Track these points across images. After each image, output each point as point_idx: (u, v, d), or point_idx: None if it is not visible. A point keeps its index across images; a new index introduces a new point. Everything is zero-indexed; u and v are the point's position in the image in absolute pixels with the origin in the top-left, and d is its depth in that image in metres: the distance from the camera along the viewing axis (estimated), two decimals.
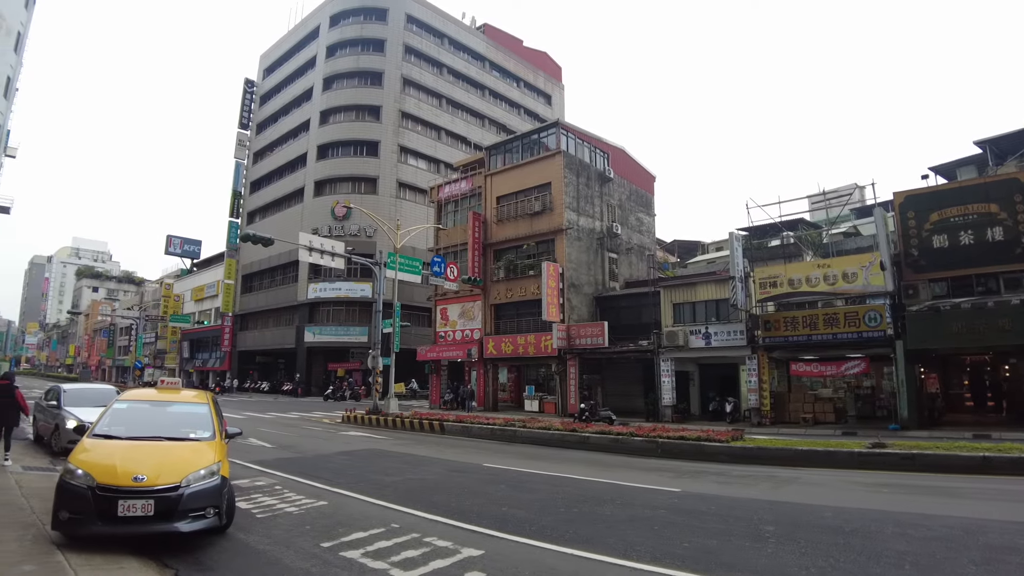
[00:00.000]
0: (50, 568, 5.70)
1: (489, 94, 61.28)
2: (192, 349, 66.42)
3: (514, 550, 6.69)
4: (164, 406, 8.43)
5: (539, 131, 34.21)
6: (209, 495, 6.64)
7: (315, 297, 48.99)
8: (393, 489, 10.07)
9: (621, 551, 6.52)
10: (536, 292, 29.43)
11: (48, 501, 8.66)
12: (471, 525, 7.64)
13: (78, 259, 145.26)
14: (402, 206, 49.43)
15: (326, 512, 8.44)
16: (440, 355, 34.32)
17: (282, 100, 61.26)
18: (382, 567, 6.04)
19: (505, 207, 33.15)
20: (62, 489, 6.38)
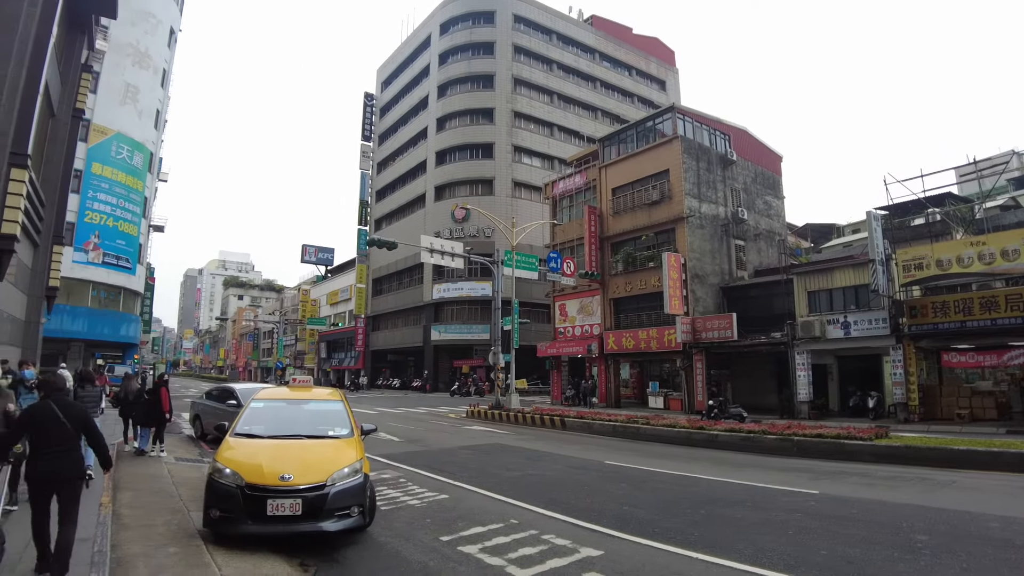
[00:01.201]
0: (191, 551, 6.12)
1: (601, 86, 60.54)
2: (329, 350, 70.74)
3: (635, 551, 6.43)
4: (300, 404, 8.47)
5: (653, 117, 33.22)
6: (353, 494, 6.59)
7: (439, 297, 50.65)
8: (513, 484, 10.07)
9: (751, 557, 6.10)
10: (657, 284, 28.62)
11: (195, 490, 9.45)
12: (590, 524, 7.46)
13: (225, 271, 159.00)
14: (518, 205, 49.91)
15: (447, 506, 8.56)
16: (560, 351, 34.28)
17: (400, 111, 63.81)
18: (499, 563, 6.01)
19: (621, 198, 32.51)
20: (212, 487, 6.49)
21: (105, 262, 35.94)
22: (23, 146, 12.77)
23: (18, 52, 12.52)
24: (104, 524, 6.70)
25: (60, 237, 21.33)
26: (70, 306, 33.01)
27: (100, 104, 34.94)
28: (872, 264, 21.53)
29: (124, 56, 37.44)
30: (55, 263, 20.60)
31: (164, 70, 41.58)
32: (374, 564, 6.13)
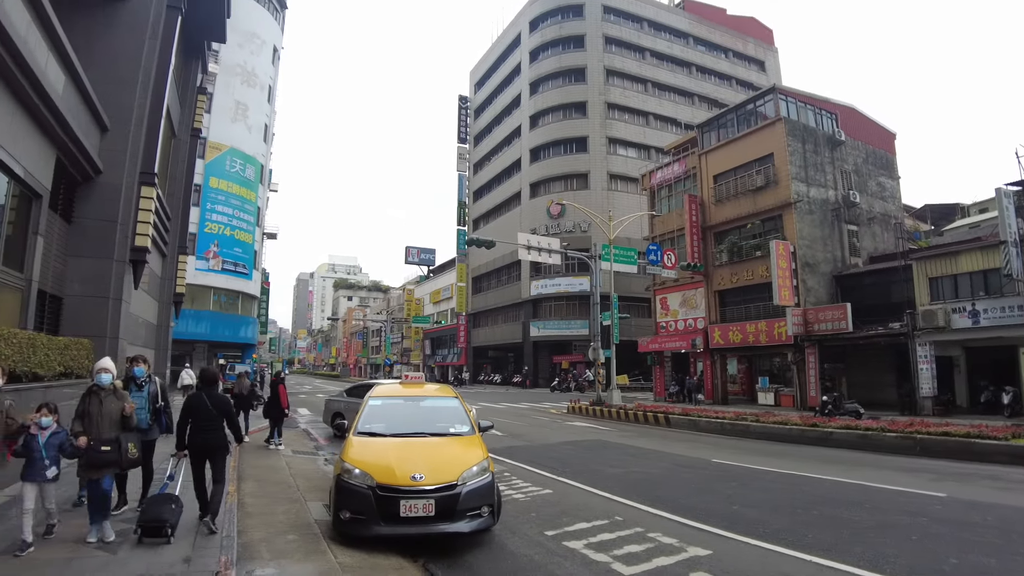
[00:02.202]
0: (308, 539, 6.46)
1: (696, 70, 58.68)
2: (433, 346, 72.82)
3: (744, 552, 6.23)
4: (417, 401, 8.42)
5: (753, 100, 31.80)
6: (483, 494, 6.41)
7: (537, 294, 50.90)
8: (617, 481, 9.97)
9: (871, 562, 5.75)
10: (764, 275, 27.44)
11: (310, 480, 10.09)
12: (698, 523, 7.28)
13: (334, 273, 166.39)
14: (614, 197, 49.28)
15: (550, 501, 8.58)
16: (662, 346, 33.55)
17: (494, 111, 64.57)
18: (604, 560, 5.97)
19: (723, 186, 31.37)
20: (342, 488, 6.38)
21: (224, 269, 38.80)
22: (151, 166, 13.99)
23: (143, 81, 13.70)
24: (231, 511, 7.17)
25: (184, 247, 23.32)
26: (194, 310, 35.83)
27: (214, 122, 37.62)
28: (1004, 246, 19.69)
29: (233, 76, 40.18)
30: (180, 271, 22.54)
31: (269, 87, 44.26)
32: (480, 555, 6.23)
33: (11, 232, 9.80)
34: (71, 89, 10.85)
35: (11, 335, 8.25)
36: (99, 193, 12.96)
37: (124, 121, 13.23)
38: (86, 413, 6.09)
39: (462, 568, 5.91)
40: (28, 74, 8.70)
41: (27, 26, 8.62)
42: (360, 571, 5.67)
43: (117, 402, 6.20)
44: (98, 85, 12.10)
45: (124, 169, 13.20)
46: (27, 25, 8.62)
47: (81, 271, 12.64)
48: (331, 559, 5.80)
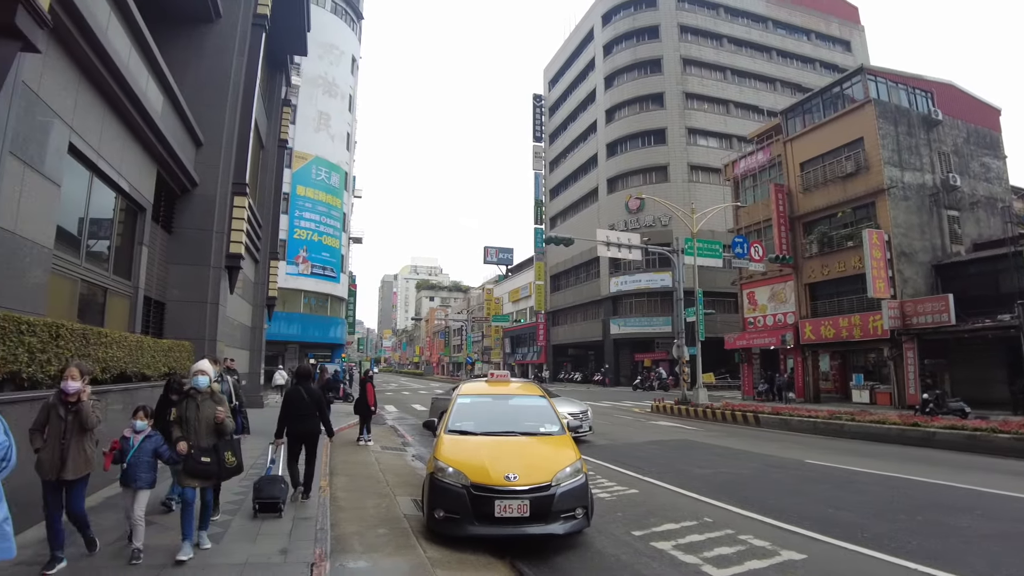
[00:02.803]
0: (398, 533, 6.65)
1: (777, 55, 56.26)
2: (513, 344, 73.29)
3: (842, 558, 5.93)
4: (505, 400, 8.40)
5: (840, 82, 30.16)
6: (577, 495, 6.31)
7: (617, 291, 50.27)
8: (705, 482, 9.73)
9: (985, 574, 5.35)
10: (857, 266, 26.04)
11: (399, 476, 10.37)
12: (791, 526, 7.00)
13: (416, 275, 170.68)
14: (695, 189, 47.99)
15: (636, 501, 8.48)
16: (750, 342, 32.40)
17: (568, 107, 64.21)
18: (694, 561, 5.85)
19: (810, 173, 29.96)
20: (436, 487, 6.38)
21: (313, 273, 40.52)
22: (242, 176, 14.76)
23: (232, 96, 14.46)
24: (324, 505, 7.47)
25: (275, 253, 24.49)
26: (286, 313, 37.56)
27: (298, 132, 39.26)
28: None
29: (315, 87, 41.82)
30: (272, 276, 23.69)
31: (350, 96, 45.80)
32: (566, 554, 6.21)
33: (119, 243, 10.54)
34: (168, 108, 11.56)
35: (122, 338, 8.87)
36: (196, 204, 13.79)
37: (216, 135, 14.03)
38: (183, 419, 5.86)
39: (549, 566, 5.91)
40: (131, 97, 9.34)
41: (128, 52, 9.24)
42: (449, 566, 5.76)
43: (214, 406, 5.91)
44: (192, 103, 12.87)
45: (218, 181, 14.00)
46: (128, 51, 9.24)
47: (181, 278, 13.50)
48: (421, 554, 5.93)
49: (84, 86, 8.20)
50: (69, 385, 5.06)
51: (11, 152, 5.83)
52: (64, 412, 5.10)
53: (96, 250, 9.74)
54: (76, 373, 5.12)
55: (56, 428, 5.08)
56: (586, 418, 15.07)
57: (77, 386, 5.09)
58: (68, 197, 8.03)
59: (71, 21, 7.12)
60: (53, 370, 6.60)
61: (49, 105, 7.14)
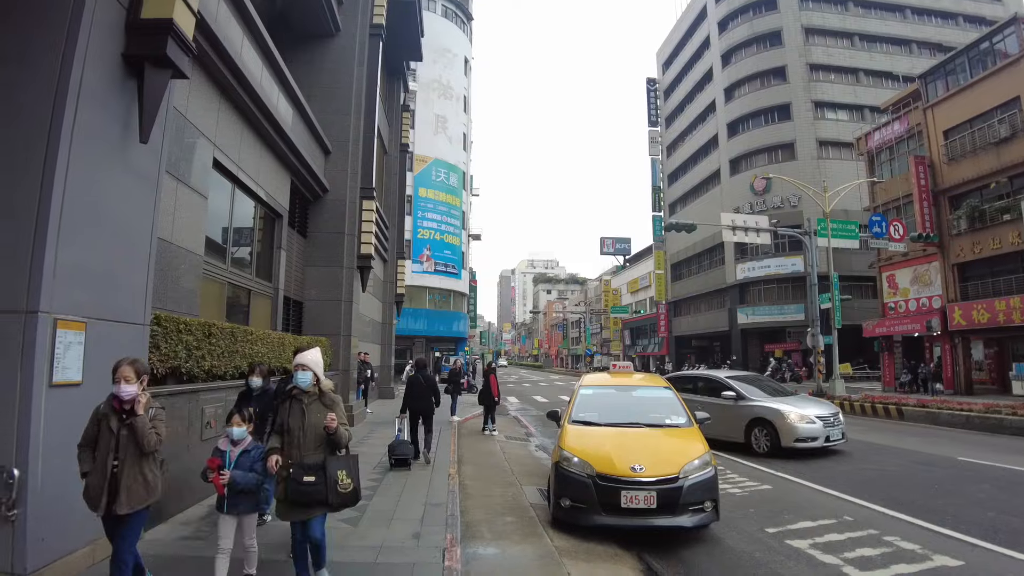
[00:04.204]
0: (525, 522, 6.79)
1: (911, 13, 51.01)
2: (632, 336, 72.14)
3: (1007, 567, 5.36)
4: (628, 391, 8.38)
5: (989, 36, 26.94)
6: (706, 488, 6.28)
7: (744, 277, 48.07)
8: (846, 479, 9.14)
9: None
10: (1016, 242, 23.34)
11: (523, 465, 10.59)
12: (945, 529, 6.43)
13: (533, 269, 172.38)
14: (826, 166, 44.84)
15: (769, 497, 8.16)
16: (890, 330, 29.89)
17: (684, 89, 62.07)
18: (834, 562, 5.53)
19: (956, 142, 27.10)
20: (562, 476, 6.47)
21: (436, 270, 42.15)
22: (369, 181, 15.56)
23: (355, 105, 15.25)
24: (453, 493, 7.75)
25: (402, 252, 25.68)
26: (412, 309, 39.30)
27: (417, 136, 40.81)
28: None
29: (431, 91, 43.24)
30: (400, 274, 24.86)
31: (464, 97, 46.96)
32: (695, 548, 6.12)
33: (260, 248, 11.41)
34: (298, 120, 12.35)
35: (266, 335, 9.61)
36: (327, 209, 14.68)
37: (343, 143, 14.85)
38: (285, 427, 4.53)
39: (677, 560, 5.82)
40: (265, 112, 10.07)
41: (261, 71, 9.95)
42: (576, 555, 5.80)
43: (324, 411, 4.50)
44: (318, 114, 13.71)
45: (346, 186, 14.84)
46: (261, 70, 9.96)
47: (317, 278, 14.43)
48: (548, 543, 6.01)
49: (224, 105, 8.94)
50: (123, 389, 3.87)
51: (167, 171, 6.44)
52: (116, 425, 3.91)
53: (240, 255, 10.61)
54: (129, 373, 3.92)
55: (106, 445, 3.89)
56: (838, 422, 11.49)
57: (133, 391, 3.91)
58: (213, 208, 8.80)
59: (210, 46, 7.77)
60: (208, 365, 7.27)
61: (195, 125, 7.84)
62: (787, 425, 10.87)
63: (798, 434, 10.77)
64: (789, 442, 10.76)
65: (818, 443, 10.81)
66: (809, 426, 10.84)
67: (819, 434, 10.87)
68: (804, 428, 10.81)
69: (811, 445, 10.76)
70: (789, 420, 10.91)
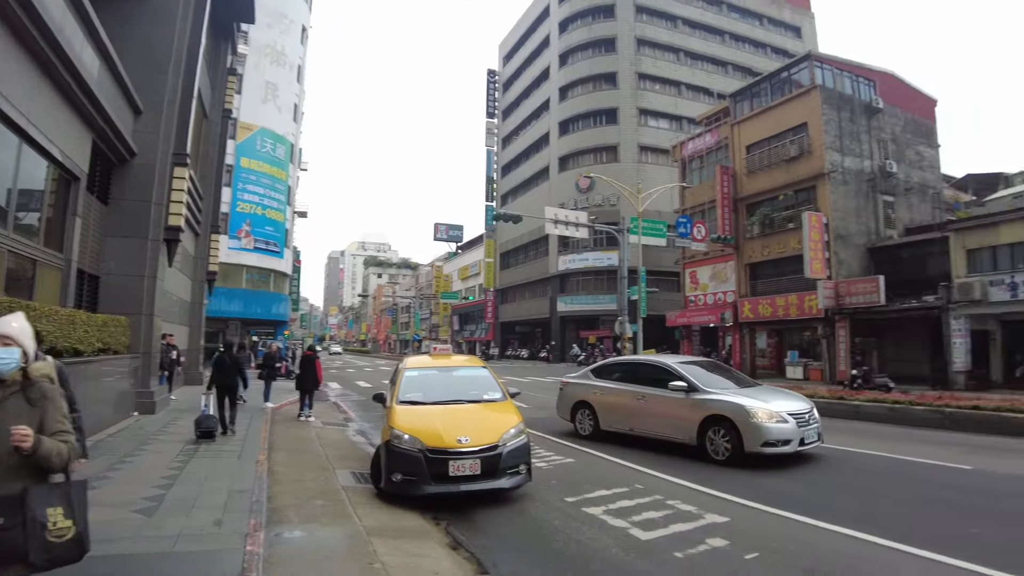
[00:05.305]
0: (336, 504, 6.81)
1: (730, 38, 57.08)
2: (461, 322, 73.49)
3: (763, 520, 6.37)
4: (450, 371, 9.02)
5: (788, 67, 31.01)
6: (521, 453, 7.15)
7: (565, 269, 50.82)
8: (639, 451, 10.08)
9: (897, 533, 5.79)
10: (796, 247, 27.02)
11: (339, 450, 10.61)
12: (717, 491, 7.42)
13: (364, 251, 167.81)
14: (645, 170, 48.58)
15: (573, 469, 8.84)
16: (690, 320, 33.38)
17: (522, 84, 63.94)
18: (622, 525, 6.16)
19: (756, 156, 30.81)
20: (393, 453, 6.97)
21: (256, 247, 39.57)
22: (183, 147, 14.31)
23: (174, 64, 13.98)
24: (261, 479, 7.56)
25: (216, 226, 23.85)
26: (227, 288, 36.59)
27: (244, 103, 37.97)
28: None
29: (263, 56, 40.50)
30: (213, 250, 23.10)
31: (299, 66, 44.56)
32: (500, 519, 6.56)
33: (51, 214, 10.17)
34: (105, 73, 11.11)
35: (52, 312, 8.62)
36: (134, 174, 13.32)
37: (157, 103, 13.53)
38: None
39: (483, 532, 6.18)
40: (65, 60, 8.94)
41: (63, 13, 8.84)
42: (385, 534, 5.91)
43: (27, 410, 2.80)
44: (131, 69, 12.36)
45: (157, 150, 13.53)
46: (63, 12, 8.84)
47: (117, 250, 13.07)
48: (357, 523, 6.08)
49: (17, 49, 7.85)
50: None
51: None
52: None
53: (27, 222, 9.40)
54: None
55: None
56: (813, 419, 9.32)
57: None
58: None
59: None
60: None
61: None
62: (753, 425, 8.67)
63: (767, 436, 8.60)
64: (755, 446, 8.62)
65: (791, 447, 8.70)
66: (780, 426, 8.70)
67: (792, 436, 8.73)
68: (774, 429, 8.66)
69: (782, 450, 8.64)
70: (756, 419, 8.69)
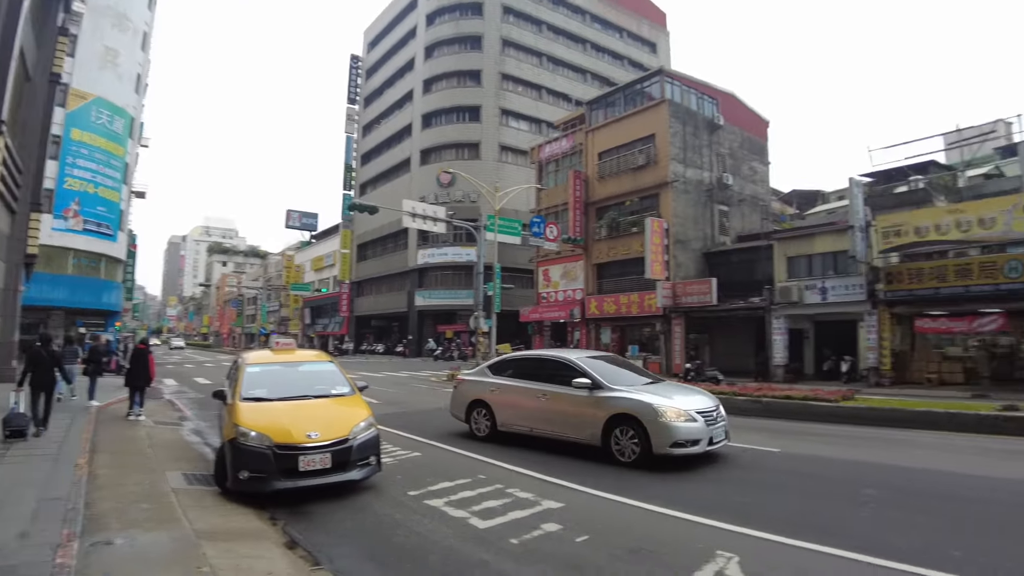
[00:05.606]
0: (163, 507, 6.26)
1: (591, 48, 59.48)
2: (313, 315, 70.66)
3: (595, 503, 6.66)
4: (295, 367, 8.84)
5: (641, 81, 32.90)
6: (371, 445, 7.25)
7: (424, 263, 50.50)
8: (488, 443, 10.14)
9: (704, 509, 6.24)
10: (640, 250, 28.64)
11: (170, 450, 9.81)
12: (558, 479, 7.62)
13: (209, 237, 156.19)
14: (504, 169, 49.44)
15: (418, 463, 8.75)
16: (542, 316, 34.43)
17: (387, 72, 62.73)
18: (462, 515, 6.19)
19: (607, 163, 32.33)
20: (239, 450, 6.73)
21: (86, 229, 35.39)
22: None
23: None
24: (79, 484, 6.85)
25: (38, 204, 20.92)
26: (50, 274, 32.43)
27: (78, 68, 33.94)
28: (852, 230, 21.68)
29: (103, 18, 36.39)
30: (33, 230, 20.26)
31: (144, 33, 40.54)
32: (341, 515, 6.37)
33: None
34: None
35: None
36: None
37: None
38: None
39: (321, 529, 5.98)
40: None
41: None
42: (216, 536, 5.53)
43: None
44: None
45: None
46: None
47: None
48: (186, 526, 5.67)
49: None
50: None
51: None
52: None
53: None
54: None
55: None
56: (720, 417, 8.82)
57: None
58: None
59: None
60: None
61: None
62: (662, 425, 8.09)
63: (676, 436, 8.06)
64: (664, 447, 8.07)
65: (700, 447, 8.23)
66: (690, 425, 8.18)
67: (702, 435, 8.25)
68: (683, 428, 8.12)
69: (692, 450, 8.15)
70: (665, 418, 8.11)
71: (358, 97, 66.40)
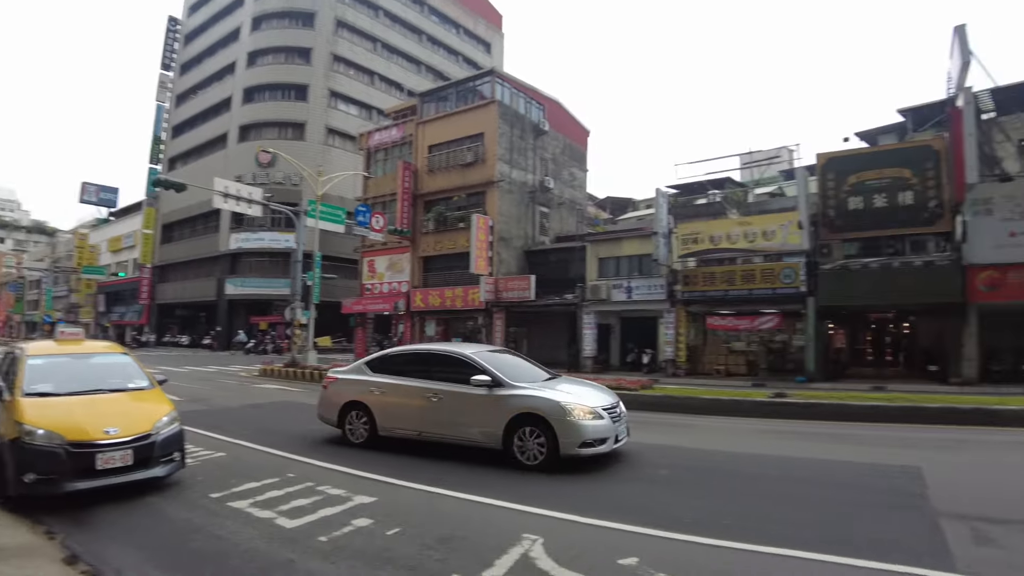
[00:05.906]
0: None
1: (427, 40, 59.26)
2: (108, 302, 63.24)
3: (405, 496, 6.70)
4: (85, 359, 8.18)
5: (474, 79, 33.36)
6: (175, 440, 6.98)
7: (237, 248, 47.16)
8: (297, 440, 9.83)
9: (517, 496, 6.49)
10: (466, 245, 29.03)
11: None
12: (367, 473, 7.52)
13: None
14: (331, 153, 47.69)
15: (221, 463, 8.26)
16: (366, 308, 33.69)
17: (208, 40, 57.90)
18: (269, 516, 5.91)
19: (437, 157, 32.35)
20: (23, 451, 6.14)
21: None
22: None
23: None
24: None
25: None
26: None
27: None
28: (656, 236, 23.77)
29: None
30: None
31: None
32: (130, 523, 5.83)
33: None
34: None
35: None
36: None
37: None
38: None
39: (108, 540, 5.42)
40: None
41: None
42: None
43: None
44: None
45: None
46: None
47: None
48: None
49: None
50: None
51: None
52: None
53: None
54: None
55: None
56: (623, 413, 8.46)
57: None
58: None
59: None
60: None
61: None
62: (570, 424, 7.59)
63: (585, 435, 7.60)
64: (572, 448, 7.57)
65: (607, 446, 7.84)
66: (597, 423, 7.76)
67: (609, 433, 7.86)
68: (591, 427, 7.68)
69: (599, 450, 7.74)
70: (572, 417, 7.62)
71: (174, 64, 60.66)
